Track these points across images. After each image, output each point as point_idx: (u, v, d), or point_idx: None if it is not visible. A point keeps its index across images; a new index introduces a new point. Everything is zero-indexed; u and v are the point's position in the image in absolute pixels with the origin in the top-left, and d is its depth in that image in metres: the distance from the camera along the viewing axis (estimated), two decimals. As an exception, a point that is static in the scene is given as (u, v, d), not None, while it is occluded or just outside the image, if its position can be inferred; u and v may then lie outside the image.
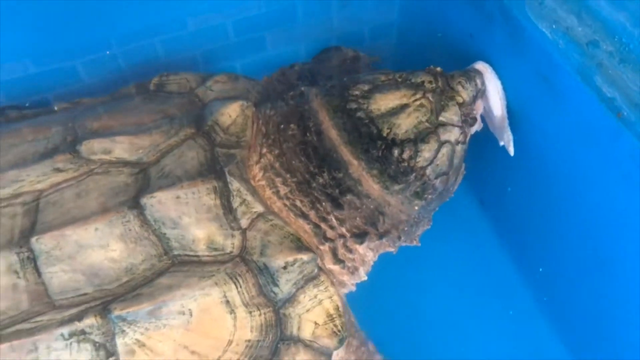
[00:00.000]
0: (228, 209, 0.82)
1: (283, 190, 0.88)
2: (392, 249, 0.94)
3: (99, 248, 0.78)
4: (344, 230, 0.89)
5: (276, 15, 1.18)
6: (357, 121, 0.89)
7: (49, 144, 0.89)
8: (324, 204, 0.88)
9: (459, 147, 0.92)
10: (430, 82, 0.92)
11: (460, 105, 0.92)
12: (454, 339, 1.12)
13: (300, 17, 1.21)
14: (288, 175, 0.89)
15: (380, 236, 0.90)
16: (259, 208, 0.84)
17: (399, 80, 0.92)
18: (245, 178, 0.87)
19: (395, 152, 0.87)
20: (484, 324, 1.15)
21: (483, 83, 0.96)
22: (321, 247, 0.87)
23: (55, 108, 1.02)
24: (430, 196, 0.91)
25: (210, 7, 1.13)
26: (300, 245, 0.82)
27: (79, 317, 0.74)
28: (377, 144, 0.87)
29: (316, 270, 0.82)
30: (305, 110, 0.92)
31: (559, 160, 0.96)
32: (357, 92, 0.91)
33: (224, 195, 0.83)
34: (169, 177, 0.84)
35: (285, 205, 0.88)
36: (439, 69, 0.95)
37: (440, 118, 0.90)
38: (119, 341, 0.74)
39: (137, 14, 1.08)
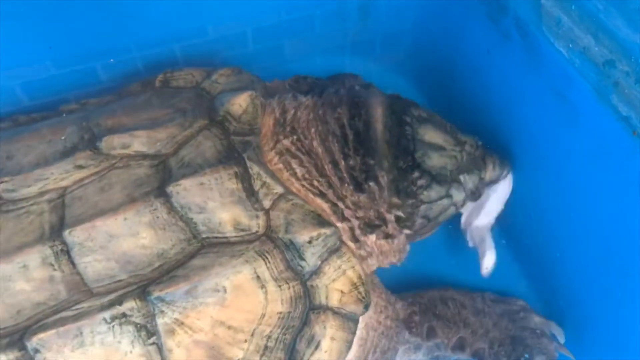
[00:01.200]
0: (250, 192, 0.87)
1: (300, 171, 0.93)
2: (396, 260, 1.00)
3: (129, 236, 0.82)
4: (358, 214, 0.94)
5: (295, 23, 1.21)
6: (402, 132, 0.98)
7: (67, 143, 0.92)
8: (346, 185, 0.93)
9: (452, 209, 1.01)
10: (471, 146, 1.03)
11: (480, 179, 1.02)
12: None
13: (318, 26, 1.24)
14: (305, 158, 0.94)
15: (386, 236, 0.96)
16: (279, 189, 0.89)
17: (449, 129, 1.03)
18: (263, 162, 0.91)
19: (415, 174, 0.96)
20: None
21: (504, 177, 1.07)
22: (339, 225, 0.92)
23: (62, 110, 1.04)
24: (406, 228, 0.97)
25: (231, 15, 1.16)
26: (322, 221, 0.87)
27: (119, 301, 0.78)
28: (407, 158, 0.96)
29: (338, 243, 0.87)
30: (361, 101, 1.00)
31: (574, 177, 0.98)
32: (415, 113, 1.01)
33: (245, 180, 0.87)
34: (190, 166, 0.88)
35: (303, 186, 0.93)
36: (481, 142, 1.05)
37: (460, 176, 0.99)
38: (159, 321, 0.78)
39: (159, 20, 1.11)
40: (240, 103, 0.95)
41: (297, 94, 1.04)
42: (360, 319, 0.88)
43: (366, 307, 0.87)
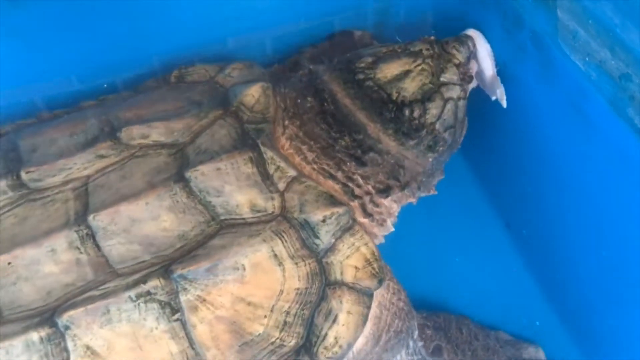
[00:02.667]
0: (265, 176, 0.91)
1: (310, 155, 0.97)
2: (412, 200, 1.04)
3: (151, 220, 0.86)
4: (369, 187, 0.97)
5: (314, 32, 1.23)
6: (367, 89, 0.99)
7: (88, 135, 0.96)
8: (348, 164, 0.97)
9: (461, 103, 1.03)
10: (427, 49, 1.03)
11: (457, 66, 1.03)
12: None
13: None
14: (312, 142, 0.98)
15: (403, 187, 0.99)
16: (293, 172, 0.92)
17: (399, 50, 1.03)
18: (276, 147, 0.95)
19: (406, 112, 0.98)
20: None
21: (474, 46, 1.07)
22: (351, 204, 0.95)
23: (82, 106, 1.09)
24: (441, 148, 1.01)
25: (252, 26, 1.18)
26: (334, 201, 0.90)
27: (143, 280, 0.81)
28: (389, 107, 0.98)
29: (351, 221, 0.90)
30: (318, 85, 1.02)
31: (590, 190, 0.99)
32: (362, 65, 1.01)
33: (260, 164, 0.91)
34: (206, 152, 0.92)
35: (314, 169, 0.96)
36: (433, 37, 1.05)
37: (441, 79, 1.01)
38: (183, 298, 0.81)
39: (181, 34, 1.14)
40: (252, 94, 1.00)
41: (290, 79, 1.07)
42: (375, 294, 0.91)
43: (380, 282, 0.90)
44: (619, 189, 0.91)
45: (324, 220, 0.88)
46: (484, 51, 1.08)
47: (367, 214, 0.97)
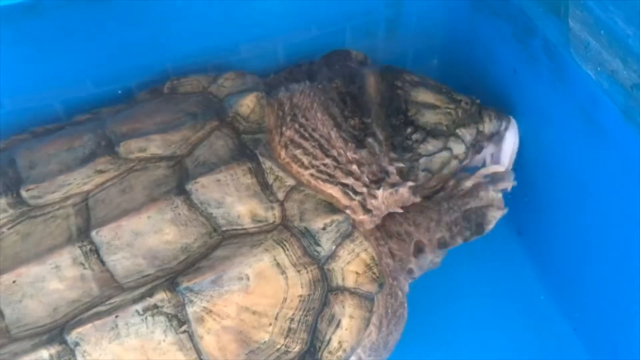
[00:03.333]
0: (265, 186, 0.92)
1: (306, 160, 0.99)
2: (416, 199, 1.05)
3: (153, 233, 0.87)
4: (364, 178, 0.99)
5: (326, 39, 1.24)
6: (394, 95, 1.04)
7: (86, 150, 0.97)
8: (349, 144, 0.99)
9: (454, 162, 1.05)
10: (466, 103, 1.08)
11: (479, 131, 1.07)
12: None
13: (349, 42, 1.27)
14: (308, 143, 1.00)
15: (392, 185, 1.01)
16: (291, 181, 0.94)
17: (444, 90, 1.08)
18: (274, 157, 0.97)
19: (408, 129, 1.02)
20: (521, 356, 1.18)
21: (505, 130, 1.10)
22: (352, 203, 0.97)
23: (76, 120, 1.09)
24: (409, 180, 1.02)
25: (264, 33, 1.19)
26: (333, 209, 0.92)
27: (150, 293, 0.82)
28: (399, 117, 1.02)
29: (350, 228, 0.93)
30: (354, 72, 1.07)
31: (601, 197, 0.99)
32: (407, 78, 1.07)
33: (259, 174, 0.93)
34: (205, 164, 0.93)
35: (312, 175, 0.98)
36: (478, 100, 1.09)
37: (457, 131, 1.05)
38: (189, 310, 0.82)
39: (193, 40, 1.15)
40: (247, 104, 1.01)
41: (289, 84, 1.09)
42: (376, 297, 0.93)
43: (380, 286, 0.92)
44: (631, 195, 0.92)
45: (324, 228, 0.90)
46: (510, 142, 1.10)
47: (367, 210, 0.99)
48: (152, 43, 1.12)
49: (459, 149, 1.05)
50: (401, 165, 1.01)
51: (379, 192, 1.00)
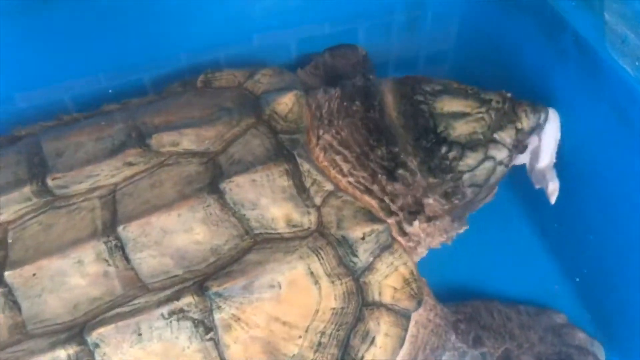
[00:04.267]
0: (301, 189, 0.87)
1: (345, 167, 0.93)
2: (444, 239, 0.99)
3: (183, 232, 0.82)
4: (397, 204, 0.94)
5: (338, 37, 1.21)
6: (417, 112, 0.97)
7: (115, 141, 0.93)
8: (379, 176, 0.93)
9: (500, 168, 0.98)
10: (498, 101, 0.99)
11: (517, 130, 0.99)
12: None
13: (362, 41, 1.24)
14: (347, 152, 0.94)
15: (428, 218, 0.95)
16: (330, 186, 0.89)
17: (470, 92, 1.00)
18: (312, 160, 0.92)
19: (443, 149, 0.94)
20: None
21: (545, 121, 1.02)
22: (388, 220, 0.92)
23: (105, 109, 1.05)
24: (457, 201, 0.96)
25: (278, 24, 1.17)
26: (373, 217, 0.87)
27: (177, 296, 0.78)
28: (429, 137, 0.95)
29: (390, 239, 0.88)
30: (372, 91, 0.99)
31: (634, 197, 0.95)
32: (427, 88, 0.99)
33: (296, 177, 0.88)
34: (240, 163, 0.88)
35: (350, 183, 0.93)
36: (509, 94, 1.01)
37: (495, 135, 0.97)
38: (217, 316, 0.78)
39: (207, 31, 1.13)
40: (286, 102, 0.96)
41: (327, 87, 1.03)
42: (412, 315, 0.88)
43: (419, 304, 0.87)
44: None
45: (363, 238, 0.85)
46: (552, 134, 1.02)
47: (404, 233, 0.94)
48: (166, 35, 1.10)
49: (501, 154, 0.98)
50: (444, 190, 0.94)
51: (415, 223, 0.94)
